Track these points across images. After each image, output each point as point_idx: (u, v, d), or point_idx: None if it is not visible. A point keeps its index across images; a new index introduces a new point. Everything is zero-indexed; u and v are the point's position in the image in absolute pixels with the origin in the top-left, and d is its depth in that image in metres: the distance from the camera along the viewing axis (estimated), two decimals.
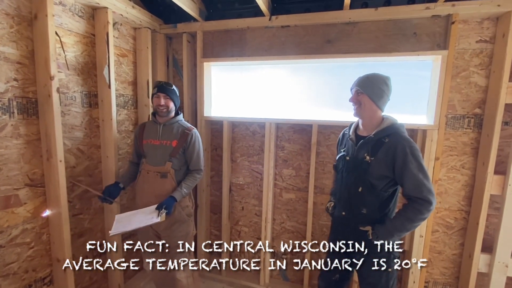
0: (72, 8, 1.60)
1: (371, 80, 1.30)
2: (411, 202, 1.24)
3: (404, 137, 1.27)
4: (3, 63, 1.31)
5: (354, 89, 1.34)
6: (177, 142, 1.66)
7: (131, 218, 1.58)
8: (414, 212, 1.21)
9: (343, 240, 1.38)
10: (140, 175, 1.70)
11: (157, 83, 1.67)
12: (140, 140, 1.71)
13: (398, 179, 1.25)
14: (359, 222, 1.33)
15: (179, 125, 1.71)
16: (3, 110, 1.32)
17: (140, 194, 1.71)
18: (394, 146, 1.24)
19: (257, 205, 2.27)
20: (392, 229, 1.25)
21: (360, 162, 1.31)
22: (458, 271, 1.91)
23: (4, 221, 1.36)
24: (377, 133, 1.29)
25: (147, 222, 1.54)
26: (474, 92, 1.73)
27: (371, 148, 1.29)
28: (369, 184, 1.29)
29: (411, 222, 1.22)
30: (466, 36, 1.70)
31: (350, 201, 1.36)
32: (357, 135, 1.39)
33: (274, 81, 2.17)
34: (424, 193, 1.18)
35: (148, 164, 1.66)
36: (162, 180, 1.65)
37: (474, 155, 1.77)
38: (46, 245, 1.57)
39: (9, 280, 1.41)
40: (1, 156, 1.33)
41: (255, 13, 2.00)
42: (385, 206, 1.32)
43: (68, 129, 1.63)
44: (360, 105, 1.31)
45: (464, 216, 1.84)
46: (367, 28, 1.82)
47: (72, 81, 1.64)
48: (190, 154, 1.69)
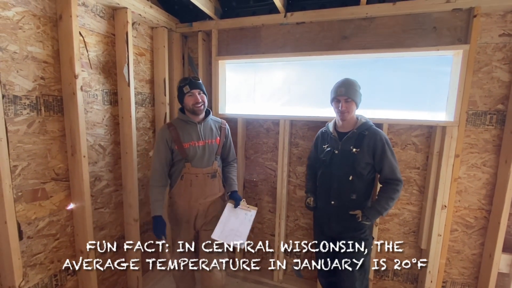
0: (94, 9, 1.66)
1: (353, 88, 1.50)
2: (388, 184, 1.50)
3: (378, 130, 1.53)
4: (31, 62, 1.37)
5: (343, 97, 1.49)
6: (219, 139, 1.65)
7: (230, 227, 1.58)
8: (393, 191, 1.48)
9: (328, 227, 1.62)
10: (184, 180, 1.58)
11: (185, 81, 1.55)
12: (179, 144, 1.54)
13: (377, 165, 1.51)
14: (349, 207, 1.55)
15: (213, 121, 1.68)
16: (31, 107, 1.39)
17: (185, 199, 1.61)
18: (373, 137, 1.49)
19: (271, 202, 2.28)
20: (380, 209, 1.48)
21: (348, 154, 1.52)
22: (477, 271, 1.86)
23: (32, 213, 1.43)
24: (359, 128, 1.53)
25: (250, 219, 1.62)
26: (497, 87, 1.67)
27: (355, 141, 1.52)
28: (358, 173, 1.51)
29: (392, 200, 1.48)
30: (489, 30, 1.64)
31: (341, 190, 1.55)
32: (337, 132, 1.60)
33: (288, 79, 2.17)
34: (397, 175, 1.48)
35: (194, 167, 1.57)
36: (212, 181, 1.61)
37: (496, 153, 1.72)
38: (70, 236, 1.64)
39: (36, 269, 1.49)
40: (30, 151, 1.40)
41: (270, 10, 2.01)
42: (370, 191, 1.58)
43: (90, 126, 1.69)
44: (349, 111, 1.51)
45: (485, 215, 1.79)
46: (384, 23, 1.79)
47: (94, 80, 1.70)
48: (229, 146, 1.73)
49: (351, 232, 1.56)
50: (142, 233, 2.07)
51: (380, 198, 1.51)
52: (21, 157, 1.36)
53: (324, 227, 1.67)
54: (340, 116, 1.54)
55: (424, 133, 1.85)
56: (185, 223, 1.66)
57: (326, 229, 1.66)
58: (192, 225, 1.67)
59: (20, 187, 1.37)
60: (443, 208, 1.78)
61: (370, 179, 1.56)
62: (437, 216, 1.80)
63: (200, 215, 1.65)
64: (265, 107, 2.23)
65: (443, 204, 1.78)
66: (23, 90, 1.35)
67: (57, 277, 1.60)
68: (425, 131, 1.84)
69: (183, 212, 1.64)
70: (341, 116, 1.53)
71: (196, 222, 1.67)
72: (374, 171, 1.55)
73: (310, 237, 2.23)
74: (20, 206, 1.37)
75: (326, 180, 1.61)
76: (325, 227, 1.66)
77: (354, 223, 1.53)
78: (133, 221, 1.95)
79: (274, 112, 2.18)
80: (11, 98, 1.30)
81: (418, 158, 1.88)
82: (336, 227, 1.60)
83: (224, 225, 1.58)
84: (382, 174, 1.51)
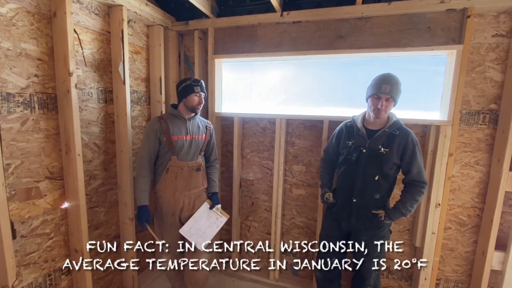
0: (89, 6, 1.64)
1: (398, 87, 1.41)
2: (413, 186, 1.47)
3: (408, 130, 1.48)
4: (24, 60, 1.35)
5: (385, 96, 1.40)
6: (205, 137, 1.74)
7: (198, 227, 1.66)
8: (418, 193, 1.46)
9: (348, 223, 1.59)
10: (170, 173, 1.64)
11: (197, 81, 1.63)
12: (168, 136, 1.62)
13: (404, 166, 1.47)
14: (371, 206, 1.53)
15: (200, 120, 1.76)
16: (25, 105, 1.37)
17: (170, 191, 1.66)
18: (405, 138, 1.45)
19: (267, 200, 2.29)
20: (405, 211, 1.46)
21: (376, 153, 1.47)
22: (470, 268, 1.89)
23: (25, 212, 1.42)
24: (390, 127, 1.47)
25: (218, 225, 1.70)
26: (490, 87, 1.70)
27: (385, 140, 1.47)
28: (385, 173, 1.48)
29: (416, 202, 1.47)
30: (482, 30, 1.67)
31: (365, 190, 1.52)
32: (366, 128, 1.54)
33: (285, 78, 2.17)
34: (424, 177, 1.46)
35: (180, 160, 1.64)
36: (196, 174, 1.70)
37: (489, 152, 1.74)
38: (64, 236, 1.62)
39: (30, 269, 1.47)
40: (23, 149, 1.38)
41: (266, 9, 2.01)
42: (391, 190, 1.56)
43: (85, 124, 1.68)
44: (387, 111, 1.45)
45: (478, 213, 1.82)
46: (380, 23, 1.80)
47: (89, 78, 1.68)
48: (212, 146, 1.80)
49: (372, 230, 1.54)
50: (137, 232, 2.06)
51: (405, 199, 1.47)
52: (14, 155, 1.35)
53: (343, 223, 1.61)
54: (376, 113, 1.46)
55: (419, 132, 1.86)
56: (171, 216, 1.69)
57: (345, 225, 1.61)
58: (177, 218, 1.70)
59: (13, 186, 1.35)
60: (437, 207, 1.81)
61: (394, 179, 1.53)
62: (431, 214, 1.82)
63: (185, 207, 1.70)
64: (262, 106, 2.23)
65: (437, 203, 1.80)
66: (17, 88, 1.33)
67: (51, 276, 1.58)
68: (420, 130, 1.86)
69: (168, 205, 1.68)
70: (377, 114, 1.45)
71: (181, 214, 1.71)
72: (398, 171, 1.53)
73: (306, 236, 2.24)
74: (14, 205, 1.36)
75: (350, 178, 1.55)
76: (343, 223, 1.61)
77: (375, 221, 1.52)
78: (128, 220, 1.94)
79: (271, 111, 2.18)
80: (4, 96, 1.29)
81: None
82: (356, 224, 1.56)
83: (195, 222, 1.67)
84: (409, 175, 1.47)
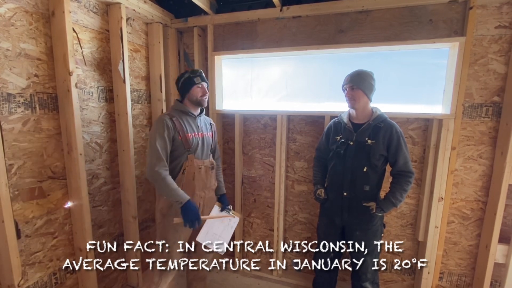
0: (87, 4, 1.63)
1: (362, 77, 1.51)
2: (401, 176, 1.52)
3: (392, 123, 1.53)
4: (24, 60, 1.35)
5: (347, 85, 1.54)
6: (211, 134, 1.69)
7: (214, 231, 1.61)
8: (407, 183, 1.51)
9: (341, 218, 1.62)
10: (186, 174, 1.53)
11: (196, 72, 1.55)
12: (183, 134, 1.51)
13: (391, 157, 1.52)
14: (362, 199, 1.56)
15: (204, 117, 1.69)
16: (26, 105, 1.37)
17: (188, 194, 1.49)
18: (389, 130, 1.50)
19: (269, 197, 2.29)
20: (395, 201, 1.50)
21: (363, 145, 1.52)
22: (474, 262, 1.89)
23: (29, 212, 1.43)
24: (375, 120, 1.53)
25: (232, 225, 1.67)
26: (493, 79, 1.68)
27: (370, 132, 1.52)
28: (373, 164, 1.52)
29: (405, 192, 1.51)
30: (485, 22, 1.64)
31: (354, 182, 1.56)
32: (352, 123, 1.60)
33: (285, 73, 2.16)
34: (410, 167, 1.51)
35: (197, 159, 1.55)
36: (212, 173, 1.64)
37: (492, 145, 1.73)
38: (68, 235, 1.63)
39: (35, 268, 1.48)
40: (25, 149, 1.39)
41: (266, 4, 1.99)
42: (381, 182, 1.59)
43: (86, 124, 1.68)
44: (355, 99, 1.52)
45: (481, 207, 1.81)
46: (381, 16, 1.78)
47: (89, 77, 1.68)
48: (215, 144, 1.75)
49: (365, 224, 1.57)
50: (141, 230, 2.07)
51: (394, 190, 1.52)
52: (17, 156, 1.35)
53: (336, 218, 1.64)
54: (349, 104, 1.56)
55: (421, 126, 1.85)
56: None
57: (338, 220, 1.64)
58: None
59: (17, 186, 1.36)
60: (440, 200, 1.80)
61: (382, 171, 1.58)
62: (434, 208, 1.81)
63: (201, 209, 1.63)
64: (262, 103, 2.23)
65: (440, 197, 1.80)
66: (17, 88, 1.33)
67: (57, 275, 1.60)
68: (422, 124, 1.85)
69: None
70: (350, 104, 1.55)
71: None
72: (386, 163, 1.57)
73: (308, 231, 2.24)
74: (17, 205, 1.36)
75: (339, 171, 1.59)
76: (336, 218, 1.64)
77: (367, 214, 1.55)
78: (131, 218, 1.95)
79: (271, 107, 2.18)
80: (5, 96, 1.29)
81: (415, 151, 1.89)
82: (349, 217, 1.59)
83: (209, 228, 1.59)
84: (395, 166, 1.52)
